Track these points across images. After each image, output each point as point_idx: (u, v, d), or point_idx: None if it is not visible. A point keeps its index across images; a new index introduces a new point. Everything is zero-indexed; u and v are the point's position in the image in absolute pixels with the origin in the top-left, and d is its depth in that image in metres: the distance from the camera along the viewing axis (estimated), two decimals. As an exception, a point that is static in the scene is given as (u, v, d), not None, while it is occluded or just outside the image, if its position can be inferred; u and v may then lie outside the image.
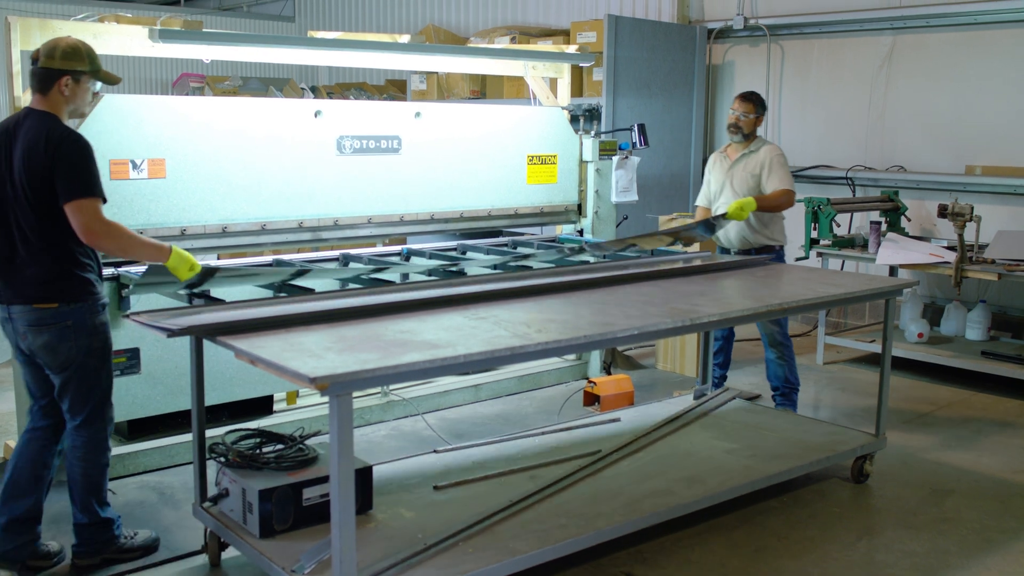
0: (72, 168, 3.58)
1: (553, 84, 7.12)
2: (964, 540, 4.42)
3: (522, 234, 7.34)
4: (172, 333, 3.54)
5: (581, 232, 6.85)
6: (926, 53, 8.19)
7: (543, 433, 5.20)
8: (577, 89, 8.89)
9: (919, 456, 5.51)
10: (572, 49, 7.16)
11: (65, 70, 3.66)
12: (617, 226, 7.02)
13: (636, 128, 6.88)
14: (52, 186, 3.58)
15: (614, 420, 5.43)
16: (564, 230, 6.97)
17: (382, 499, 4.14)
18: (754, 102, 5.98)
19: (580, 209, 6.86)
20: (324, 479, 3.84)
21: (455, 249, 6.15)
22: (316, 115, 5.50)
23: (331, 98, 11.31)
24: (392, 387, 5.97)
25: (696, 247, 6.51)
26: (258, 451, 4.03)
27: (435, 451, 4.87)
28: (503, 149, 6.40)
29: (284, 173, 5.41)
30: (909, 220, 7.74)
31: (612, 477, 4.54)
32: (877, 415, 5.14)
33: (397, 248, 6.04)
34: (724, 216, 5.75)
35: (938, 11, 7.96)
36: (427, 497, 4.23)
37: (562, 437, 5.14)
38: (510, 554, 3.68)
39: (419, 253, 5.89)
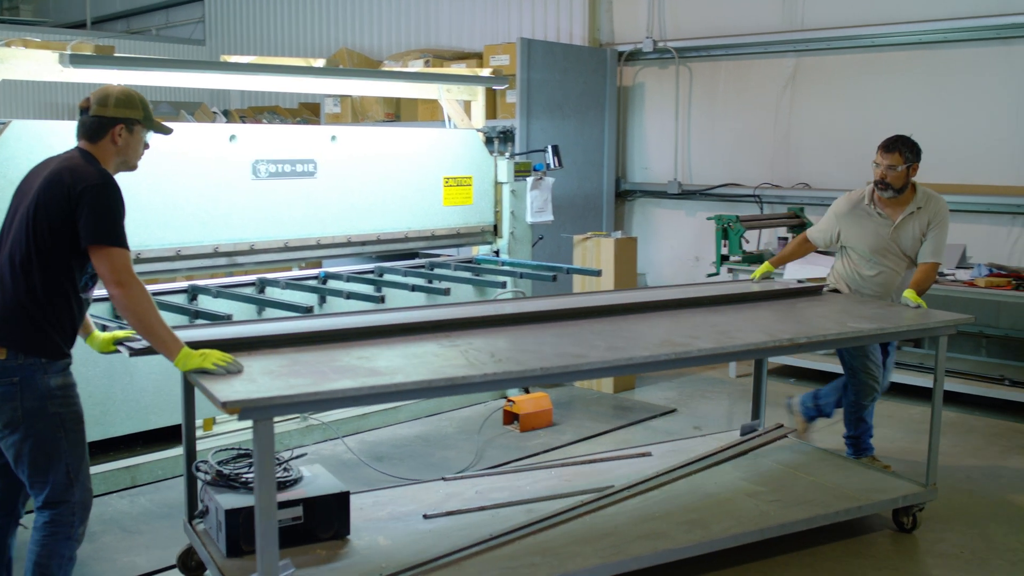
0: (104, 211, 3.29)
1: (467, 107, 7.20)
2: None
3: (439, 255, 7.39)
4: (134, 352, 3.50)
5: (497, 253, 6.93)
6: (827, 74, 8.48)
7: (564, 465, 4.97)
8: (491, 111, 8.98)
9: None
10: (486, 72, 7.26)
11: (119, 118, 3.44)
12: (533, 246, 7.11)
13: (550, 149, 6.98)
14: (63, 221, 3.27)
15: (643, 455, 5.05)
16: (481, 251, 7.03)
17: (367, 524, 4.08)
18: (900, 151, 5.10)
19: (496, 230, 6.94)
20: (299, 502, 3.82)
21: (372, 272, 6.17)
22: (231, 139, 5.48)
23: (244, 122, 11.23)
24: (311, 412, 5.96)
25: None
26: (239, 471, 3.95)
27: (443, 479, 4.76)
28: (419, 171, 6.45)
29: (199, 198, 5.37)
30: (815, 236, 7.98)
31: (612, 515, 4.27)
32: (928, 461, 4.69)
33: (314, 272, 6.04)
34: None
35: (838, 34, 8.25)
36: (413, 526, 4.12)
37: (582, 470, 4.88)
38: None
39: (336, 276, 5.90)
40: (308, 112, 12.31)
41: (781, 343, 4.10)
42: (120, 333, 3.78)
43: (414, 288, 5.94)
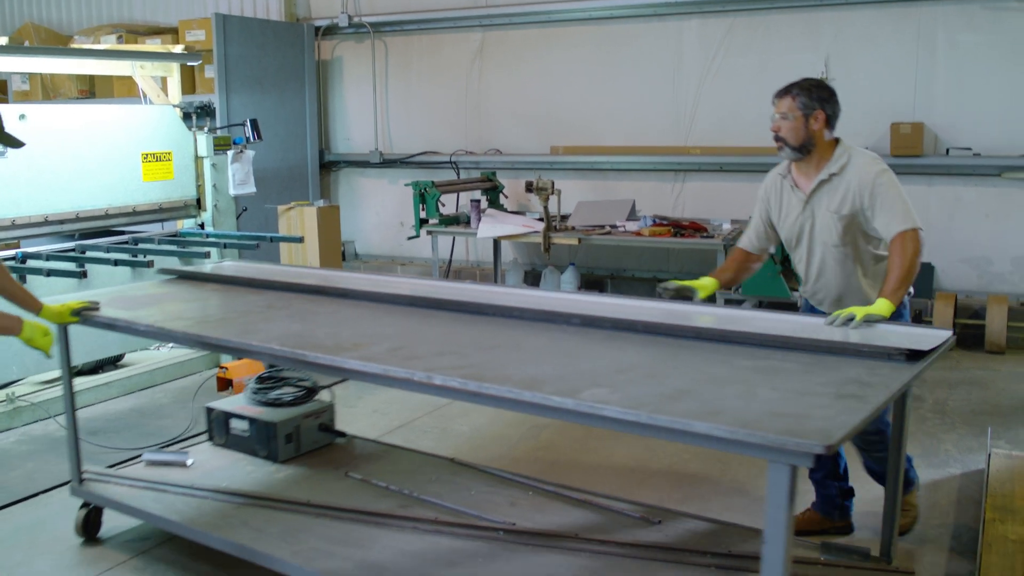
0: None
1: (164, 83, 7.26)
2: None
3: (143, 232, 7.42)
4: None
5: (203, 226, 7.07)
6: (511, 47, 9.15)
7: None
8: (189, 87, 9.02)
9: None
10: (180, 48, 7.34)
11: None
12: (237, 218, 7.30)
13: (249, 123, 7.17)
14: None
15: (655, 522, 3.73)
16: (186, 224, 7.15)
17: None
18: (793, 95, 3.81)
19: (200, 203, 7.07)
20: None
21: (73, 250, 6.18)
22: (-91, 121, 5.34)
23: (-80, 102, 10.58)
24: (18, 393, 5.93)
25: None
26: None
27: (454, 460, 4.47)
28: (116, 148, 6.48)
29: None
30: (507, 197, 8.66)
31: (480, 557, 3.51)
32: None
33: (11, 252, 5.98)
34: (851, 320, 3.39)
35: (518, 10, 8.93)
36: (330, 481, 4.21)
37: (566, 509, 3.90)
38: (237, 537, 3.68)
39: (35, 256, 5.88)
40: (-8, 90, 11.72)
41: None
42: (76, 303, 3.92)
43: (117, 263, 6.01)
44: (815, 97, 3.78)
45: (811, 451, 2.17)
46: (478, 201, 8.06)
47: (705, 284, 3.94)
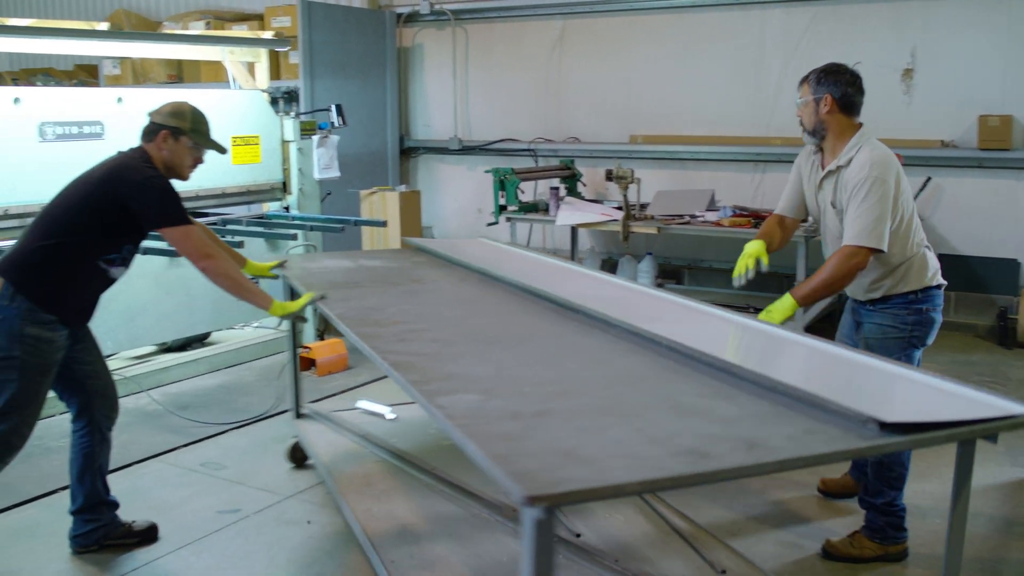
0: (159, 198, 3.72)
1: (251, 67, 7.43)
2: None
3: (230, 214, 7.60)
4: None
5: (288, 208, 7.23)
6: (592, 36, 9.16)
7: None
8: (275, 72, 9.20)
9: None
10: (268, 34, 7.49)
11: (165, 125, 3.82)
12: (322, 201, 7.45)
13: (334, 108, 7.31)
14: (105, 204, 3.69)
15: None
16: (271, 207, 7.31)
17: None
18: (808, 80, 3.86)
19: (285, 187, 7.23)
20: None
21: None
22: (15, 102, 5.55)
23: (16, 84, 10.93)
24: (112, 367, 6.13)
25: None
26: None
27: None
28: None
29: (-15, 161, 5.44)
30: (585, 185, 8.69)
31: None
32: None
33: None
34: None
35: (600, -2, 8.95)
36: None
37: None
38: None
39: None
40: (84, 74, 12.07)
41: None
42: (272, 263, 4.65)
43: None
44: (823, 82, 3.79)
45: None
46: (556, 189, 8.11)
47: (754, 249, 4.02)
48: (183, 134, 3.86)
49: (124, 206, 3.69)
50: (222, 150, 4.09)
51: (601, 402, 2.49)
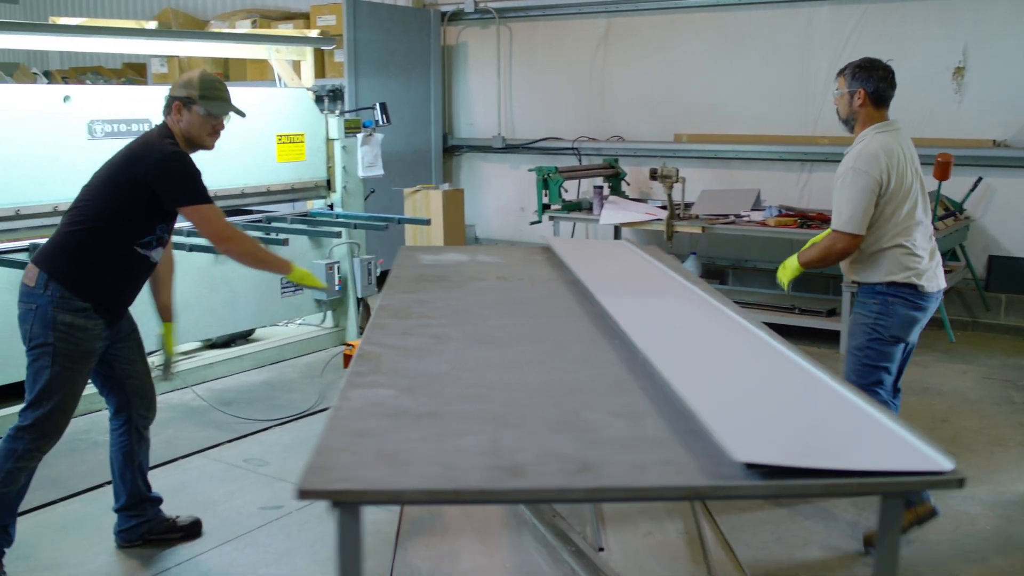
0: (179, 176, 3.72)
1: (296, 66, 7.46)
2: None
3: (275, 211, 7.65)
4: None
5: (332, 206, 7.25)
6: (636, 34, 9.11)
7: None
8: (320, 70, 9.25)
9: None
10: (314, 33, 7.52)
11: (176, 96, 3.80)
12: (365, 199, 7.47)
13: (378, 107, 7.33)
14: (131, 184, 3.66)
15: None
16: (316, 205, 7.35)
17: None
18: (844, 73, 4.06)
19: (330, 185, 7.26)
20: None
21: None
22: (65, 100, 5.62)
23: (67, 83, 11.08)
24: (156, 363, 6.19)
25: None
26: None
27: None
28: (253, 130, 6.67)
29: (36, 159, 5.49)
30: (628, 184, 8.64)
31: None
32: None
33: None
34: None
35: (644, -4, 8.90)
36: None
37: None
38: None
39: (176, 232, 6.11)
40: (132, 72, 12.21)
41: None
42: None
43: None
44: (858, 77, 3.99)
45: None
46: (600, 187, 8.08)
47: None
48: (194, 103, 3.80)
49: (148, 185, 3.66)
50: (239, 112, 4.01)
51: (496, 408, 2.31)
